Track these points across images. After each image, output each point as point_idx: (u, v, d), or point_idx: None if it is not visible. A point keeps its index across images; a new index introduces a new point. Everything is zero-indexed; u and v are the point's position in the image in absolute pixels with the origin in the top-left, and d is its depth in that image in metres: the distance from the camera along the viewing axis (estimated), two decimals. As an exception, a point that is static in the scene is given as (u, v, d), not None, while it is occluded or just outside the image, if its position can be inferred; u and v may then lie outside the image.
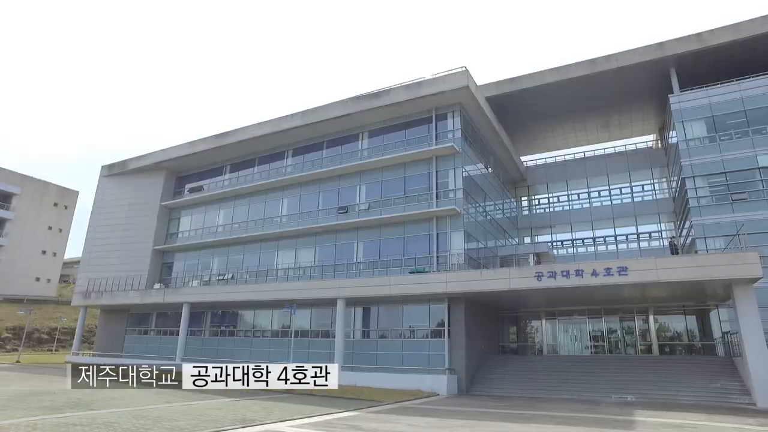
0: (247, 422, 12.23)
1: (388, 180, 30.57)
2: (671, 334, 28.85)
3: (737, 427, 13.56)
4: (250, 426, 11.78)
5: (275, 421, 12.65)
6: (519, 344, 31.61)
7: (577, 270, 21.73)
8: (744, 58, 28.47)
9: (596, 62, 30.71)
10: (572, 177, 39.08)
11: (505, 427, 12.87)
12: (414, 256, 28.20)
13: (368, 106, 30.80)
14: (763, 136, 26.83)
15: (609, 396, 21.22)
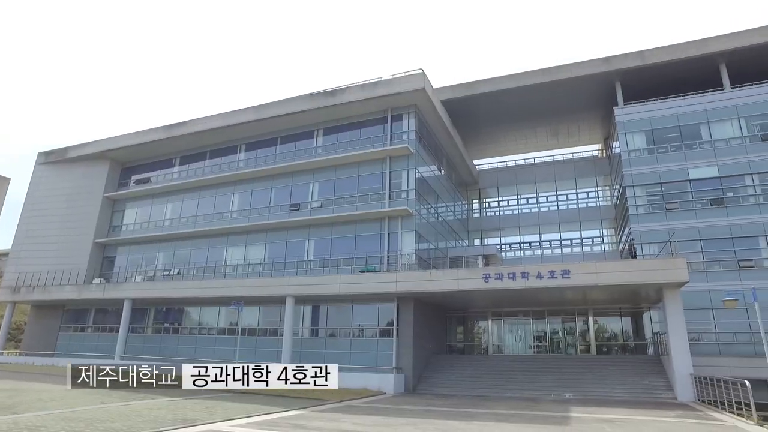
0: (188, 422, 11.88)
1: (341, 178, 30.52)
2: (608, 335, 30.30)
3: (658, 419, 14.49)
4: (191, 426, 11.45)
5: (218, 421, 12.36)
6: (466, 344, 32.29)
7: (523, 272, 22.45)
8: (681, 77, 30.22)
9: (549, 72, 31.77)
10: (522, 182, 40.26)
11: (449, 425, 13.11)
12: (365, 256, 28.29)
13: (323, 103, 30.63)
14: (694, 150, 28.59)
15: (549, 394, 21.98)
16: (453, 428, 12.53)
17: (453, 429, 12.41)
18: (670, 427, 13.21)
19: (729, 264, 26.30)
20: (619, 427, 12.83)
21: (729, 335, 25.21)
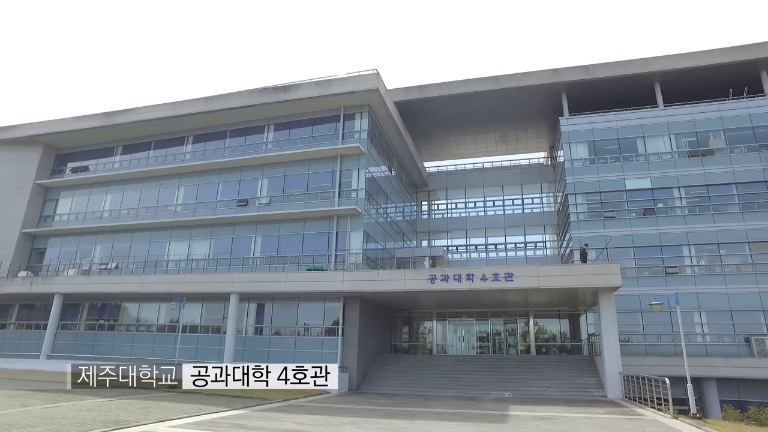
0: (121, 424, 11.38)
1: (291, 175, 30.16)
2: (547, 336, 31.51)
3: (589, 416, 15.28)
4: (124, 428, 10.98)
5: (153, 422, 11.91)
6: (411, 344, 32.69)
7: (468, 274, 22.99)
8: (622, 92, 31.91)
9: (500, 79, 32.65)
10: (470, 185, 41.16)
11: (391, 424, 13.25)
12: (312, 254, 28.08)
13: (276, 98, 30.16)
14: (630, 162, 30.22)
15: (490, 393, 22.60)
16: (395, 427, 12.67)
17: (395, 428, 12.54)
18: (599, 422, 13.93)
19: (657, 270, 28.00)
20: (553, 424, 13.38)
21: (654, 336, 26.84)
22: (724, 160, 28.85)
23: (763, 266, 26.80)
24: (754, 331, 25.83)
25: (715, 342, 26.32)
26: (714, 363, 25.12)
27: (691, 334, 26.20)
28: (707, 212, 28.31)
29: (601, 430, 12.54)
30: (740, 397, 24.31)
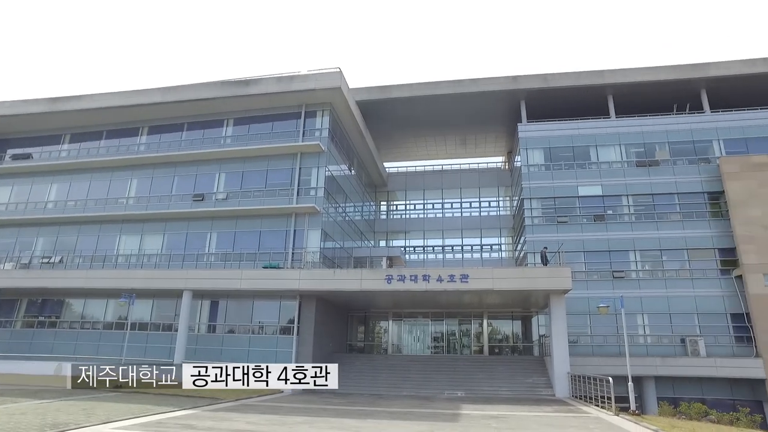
0: (59, 427, 10.84)
1: (249, 171, 29.64)
2: (500, 337, 32.26)
3: (537, 414, 15.78)
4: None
5: (96, 424, 11.44)
6: (366, 343, 32.76)
7: (425, 275, 23.28)
8: (578, 101, 33.04)
9: (461, 84, 33.18)
10: (429, 187, 41.57)
11: (344, 423, 13.26)
12: (269, 251, 27.70)
13: (236, 92, 29.57)
14: (583, 170, 31.37)
15: (443, 392, 22.94)
16: (348, 426, 12.69)
17: (348, 427, 12.56)
18: (546, 420, 14.41)
19: (605, 274, 29.18)
20: (502, 423, 13.74)
21: (601, 338, 27.98)
22: (668, 171, 30.39)
23: (698, 272, 28.46)
24: (689, 332, 27.39)
25: (655, 343, 27.71)
26: (653, 363, 26.47)
27: (634, 335, 27.50)
28: (652, 220, 29.75)
29: (547, 427, 12.97)
30: (675, 394, 25.76)
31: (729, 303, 27.57)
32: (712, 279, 28.24)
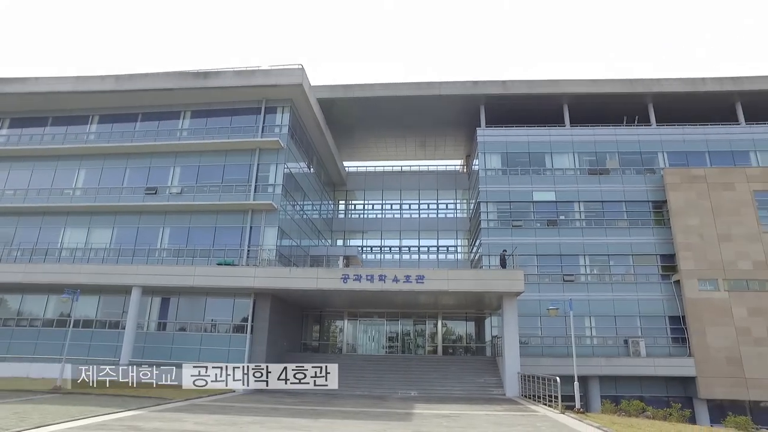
0: (-12, 431, 10.22)
1: (206, 165, 28.94)
2: (454, 337, 32.78)
3: (488, 413, 16.17)
4: (-8, 435, 9.88)
5: (31, 428, 10.80)
6: (321, 342, 32.59)
7: (381, 275, 23.41)
8: (536, 109, 34.04)
9: (422, 86, 33.54)
10: (388, 187, 41.74)
11: (296, 423, 13.15)
12: (224, 248, 27.12)
13: (194, 84, 28.82)
14: (538, 175, 32.34)
15: (397, 392, 23.10)
16: (300, 426, 12.61)
17: (300, 427, 12.48)
18: (496, 419, 14.78)
19: (556, 278, 30.21)
20: (453, 421, 14.00)
21: (550, 339, 28.93)
22: (617, 180, 31.76)
23: (642, 277, 29.94)
24: (631, 334, 28.79)
25: (601, 344, 28.93)
26: (598, 363, 27.63)
27: (582, 336, 28.62)
28: (601, 226, 31.01)
29: (497, 426, 13.30)
30: (617, 392, 27.05)
31: (668, 306, 29.13)
32: (654, 284, 29.75)
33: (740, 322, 27.63)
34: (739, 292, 28.20)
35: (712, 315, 27.86)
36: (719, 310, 27.93)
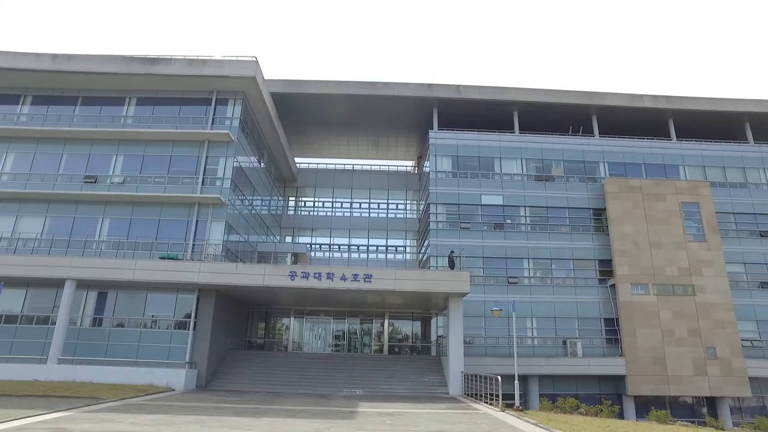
0: None
1: (151, 155, 27.81)
2: (401, 337, 33.11)
3: (431, 411, 16.42)
4: None
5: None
6: (266, 340, 32.09)
7: (329, 273, 23.34)
8: (487, 114, 34.92)
9: (376, 86, 33.63)
10: (339, 185, 41.62)
11: (237, 422, 12.88)
12: (168, 241, 26.19)
13: (141, 70, 27.66)
14: (487, 179, 33.21)
15: (342, 390, 23.08)
16: (241, 425, 12.35)
17: (241, 426, 12.22)
18: (438, 417, 15.03)
19: (501, 280, 31.12)
20: (397, 420, 14.13)
21: (494, 339, 29.79)
22: (561, 187, 33.10)
23: (581, 280, 31.36)
24: (570, 335, 30.12)
25: (541, 344, 30.08)
26: (538, 362, 28.71)
27: (523, 337, 29.66)
28: (545, 231, 32.23)
29: (439, 423, 13.54)
30: (554, 390, 28.21)
31: (603, 309, 30.67)
32: (592, 287, 31.24)
33: (666, 324, 29.54)
34: (665, 296, 30.13)
35: (642, 317, 29.60)
36: (648, 312, 29.73)
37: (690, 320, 29.70)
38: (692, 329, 29.54)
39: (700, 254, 31.05)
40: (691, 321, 29.69)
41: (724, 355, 29.16)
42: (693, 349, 29.18)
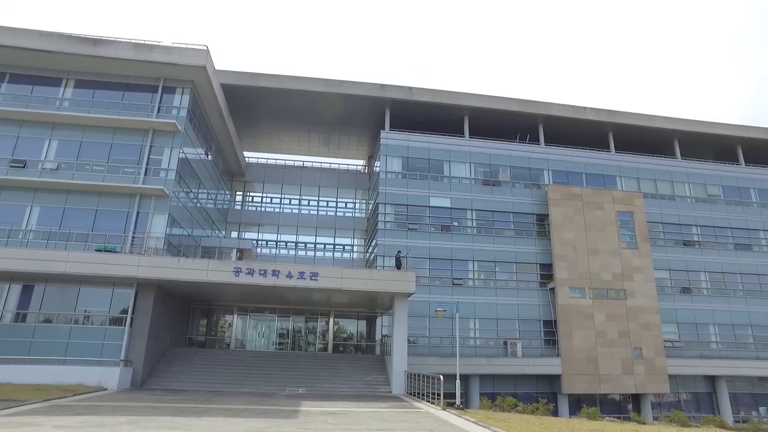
0: None
1: (90, 142, 26.33)
2: (346, 336, 33.08)
3: (373, 410, 16.52)
4: None
5: None
6: (208, 337, 31.20)
7: (275, 270, 23.00)
8: (438, 118, 35.48)
9: (330, 84, 33.41)
10: (288, 182, 41.05)
11: (175, 422, 12.44)
12: (105, 233, 24.89)
13: (81, 50, 26.12)
14: (436, 182, 33.75)
15: (284, 389, 22.80)
16: (179, 425, 11.95)
17: (179, 426, 11.82)
18: (381, 415, 15.15)
19: (446, 281, 31.72)
20: (339, 418, 14.12)
21: (437, 339, 30.32)
22: (507, 192, 34.15)
23: (523, 283, 32.49)
24: (510, 336, 31.15)
25: (483, 345, 30.92)
26: (480, 362, 29.51)
27: (466, 337, 30.40)
28: (490, 234, 33.13)
29: (381, 422, 13.65)
30: (494, 389, 29.12)
31: (543, 311, 31.92)
32: (533, 290, 32.43)
33: (599, 326, 31.17)
34: (600, 300, 31.76)
35: (578, 320, 31.06)
36: (584, 315, 31.23)
37: (621, 323, 31.47)
38: (622, 331, 31.32)
39: (632, 261, 32.93)
40: (621, 323, 31.47)
41: (649, 355, 31.13)
42: (622, 349, 30.96)
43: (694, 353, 33.24)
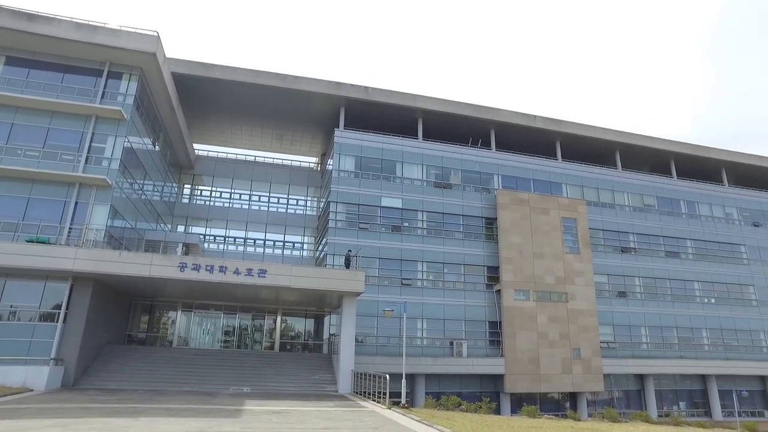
0: None
1: (23, 125, 24.66)
2: (293, 334, 32.72)
3: (319, 409, 16.48)
4: None
5: None
6: (149, 334, 30.05)
7: (222, 266, 22.47)
8: (393, 118, 35.68)
9: (286, 78, 32.91)
10: (238, 176, 40.09)
11: (110, 423, 11.91)
12: (39, 223, 23.43)
13: (13, 25, 24.28)
14: (388, 182, 33.94)
15: (228, 388, 22.30)
16: (115, 427, 11.45)
17: (114, 427, 11.32)
18: (326, 414, 15.10)
19: (395, 281, 31.96)
20: (284, 417, 13.97)
21: (385, 339, 30.49)
22: (457, 195, 34.80)
23: (470, 285, 33.21)
24: (456, 336, 31.78)
25: (430, 345, 31.36)
26: (426, 362, 29.91)
27: (413, 337, 30.74)
28: (440, 236, 33.66)
29: (327, 421, 13.61)
30: (440, 388, 29.63)
31: (488, 312, 32.76)
32: (480, 292, 33.21)
33: (542, 327, 32.34)
34: (542, 302, 32.95)
35: (522, 321, 32.09)
36: (528, 317, 32.30)
37: (562, 324, 32.79)
38: (563, 333, 32.64)
39: (574, 265, 34.37)
40: (562, 325, 32.79)
41: (586, 356, 32.60)
42: (562, 350, 32.27)
43: (627, 353, 35.14)
